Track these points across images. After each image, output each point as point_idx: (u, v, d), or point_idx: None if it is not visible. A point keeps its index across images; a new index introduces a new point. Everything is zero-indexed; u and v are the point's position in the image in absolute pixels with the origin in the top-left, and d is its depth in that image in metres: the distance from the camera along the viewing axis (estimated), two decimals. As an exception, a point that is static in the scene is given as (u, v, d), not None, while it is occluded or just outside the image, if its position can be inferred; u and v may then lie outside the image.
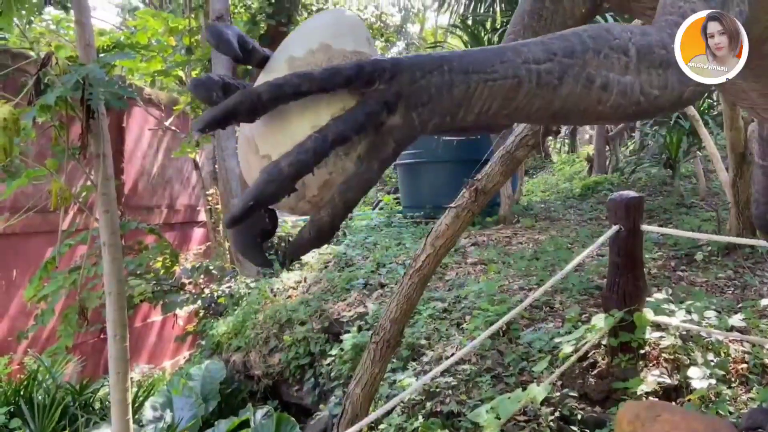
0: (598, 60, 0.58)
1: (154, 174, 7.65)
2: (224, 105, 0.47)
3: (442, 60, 0.51)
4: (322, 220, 0.50)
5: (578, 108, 0.58)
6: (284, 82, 0.46)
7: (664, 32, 0.65)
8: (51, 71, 2.51)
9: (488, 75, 0.52)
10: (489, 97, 0.52)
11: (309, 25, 0.55)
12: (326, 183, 0.51)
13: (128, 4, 15.10)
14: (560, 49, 0.56)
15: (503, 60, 0.53)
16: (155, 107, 7.31)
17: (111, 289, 2.75)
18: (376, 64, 0.48)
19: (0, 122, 2.13)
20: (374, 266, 4.97)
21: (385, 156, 0.50)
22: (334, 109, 0.50)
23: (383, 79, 0.49)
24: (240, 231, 0.53)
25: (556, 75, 0.55)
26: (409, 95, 0.49)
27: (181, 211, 8.16)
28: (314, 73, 0.47)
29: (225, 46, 0.53)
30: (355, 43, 0.54)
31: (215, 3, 5.32)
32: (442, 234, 2.40)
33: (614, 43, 0.59)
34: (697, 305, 3.02)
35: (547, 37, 0.57)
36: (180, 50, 6.58)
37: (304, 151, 0.47)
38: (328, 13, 0.56)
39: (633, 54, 0.60)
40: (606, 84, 0.58)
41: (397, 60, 0.50)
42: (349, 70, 0.47)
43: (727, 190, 4.49)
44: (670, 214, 5.86)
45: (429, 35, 20.68)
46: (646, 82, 0.61)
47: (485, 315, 3.45)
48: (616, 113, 0.61)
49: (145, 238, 5.13)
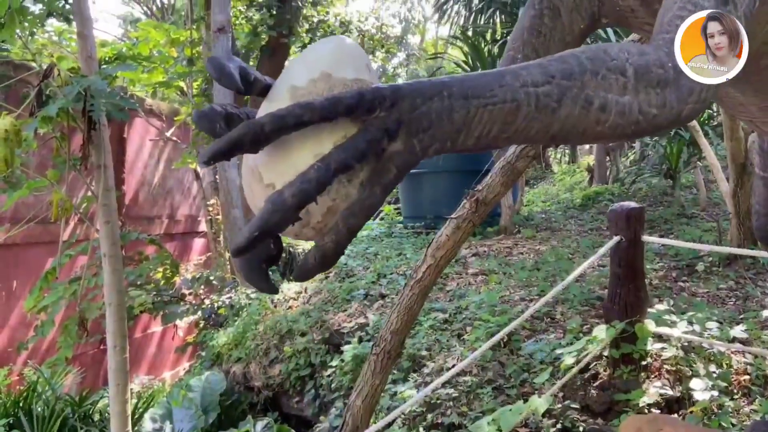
0: (596, 81, 0.58)
1: (155, 184, 7.66)
2: (228, 137, 0.47)
3: (442, 86, 0.51)
4: (327, 246, 0.51)
5: (577, 129, 0.58)
6: (287, 113, 0.47)
7: (662, 51, 0.65)
8: (53, 83, 2.52)
9: (487, 99, 0.52)
10: (489, 121, 0.53)
11: (310, 54, 0.56)
12: (330, 209, 0.52)
13: (130, 15, 15.19)
14: (558, 72, 0.56)
15: (502, 84, 0.53)
16: (156, 118, 7.34)
17: (111, 300, 2.75)
18: (376, 93, 0.49)
19: (1, 133, 2.14)
20: (375, 277, 4.96)
21: (387, 181, 0.51)
22: (336, 137, 0.50)
23: (384, 107, 0.49)
24: (245, 258, 0.53)
25: (555, 97, 0.55)
26: (409, 122, 0.50)
27: (181, 222, 8.17)
28: (316, 103, 0.47)
29: (227, 80, 0.53)
30: (355, 71, 0.54)
31: (216, 15, 5.34)
32: (443, 245, 2.39)
33: (612, 64, 0.60)
34: (698, 316, 3.01)
35: (545, 60, 0.58)
36: (181, 61, 6.61)
37: (307, 181, 0.47)
38: (328, 41, 0.57)
39: (631, 74, 0.61)
40: (604, 105, 0.59)
41: (397, 87, 0.50)
42: (350, 99, 0.48)
43: (728, 200, 4.49)
44: (671, 225, 5.86)
45: (429, 46, 20.79)
46: (644, 102, 0.62)
47: (486, 326, 3.44)
48: (615, 133, 0.61)
49: (146, 249, 5.12)
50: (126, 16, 15.33)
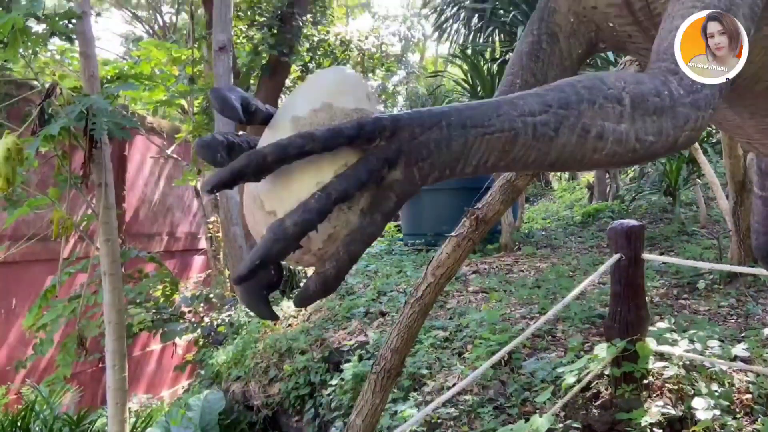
0: (593, 110, 0.59)
1: (155, 202, 7.68)
2: (231, 167, 0.48)
3: (441, 116, 0.52)
4: (327, 273, 0.51)
5: (575, 157, 0.59)
6: (288, 144, 0.48)
7: (657, 79, 0.65)
8: (55, 102, 2.54)
9: (485, 129, 0.53)
10: (487, 150, 0.54)
11: (311, 84, 0.56)
12: (330, 237, 0.52)
13: (132, 34, 15.33)
14: (555, 101, 0.57)
15: (499, 113, 0.54)
16: (157, 135, 7.37)
17: (111, 318, 2.74)
18: (376, 123, 0.50)
19: (3, 152, 2.15)
20: (375, 294, 4.95)
21: (387, 209, 0.51)
22: (337, 166, 0.51)
23: (384, 136, 0.50)
24: (246, 285, 0.53)
25: (552, 126, 0.56)
26: (409, 151, 0.51)
27: (181, 239, 8.17)
28: (317, 134, 0.48)
29: (229, 112, 0.54)
30: (356, 101, 0.55)
31: (218, 34, 5.39)
32: (443, 263, 2.39)
33: (608, 93, 0.60)
34: (700, 334, 2.99)
35: (542, 89, 0.58)
36: (183, 79, 6.65)
37: (308, 210, 0.48)
38: (329, 71, 0.58)
39: (627, 102, 0.61)
40: (601, 133, 0.59)
41: (396, 117, 0.51)
42: (351, 130, 0.49)
43: (728, 218, 4.49)
44: (671, 242, 5.85)
45: (429, 64, 20.95)
46: (641, 130, 0.62)
47: (487, 344, 3.43)
48: (612, 160, 0.62)
49: (146, 266, 5.12)
50: (128, 35, 15.47)
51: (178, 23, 13.32)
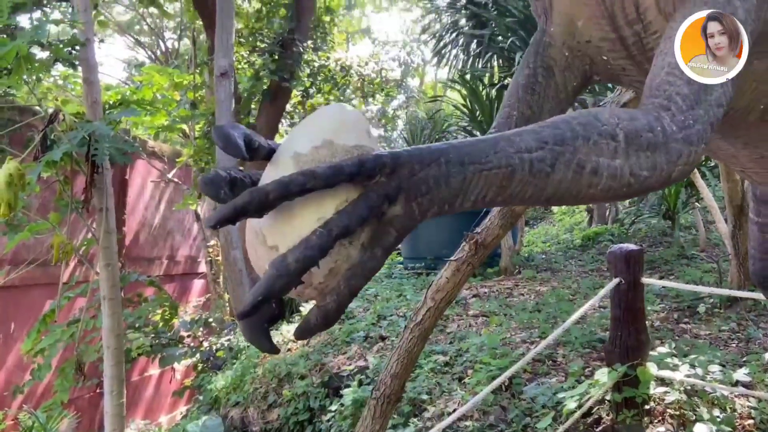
0: (587, 146, 0.60)
1: (156, 225, 7.69)
2: (234, 204, 0.49)
3: (439, 153, 0.54)
4: (328, 306, 0.52)
5: (571, 192, 0.60)
6: (290, 181, 0.49)
7: (650, 115, 0.67)
8: (57, 127, 2.56)
9: (483, 165, 0.54)
10: (485, 186, 0.55)
11: (312, 121, 0.58)
12: (332, 271, 0.53)
13: (135, 60, 15.50)
14: (551, 137, 0.58)
15: (496, 150, 0.55)
16: (158, 159, 7.42)
17: (109, 343, 2.73)
18: (377, 160, 0.51)
19: (5, 178, 2.16)
20: (375, 318, 4.93)
21: (387, 244, 0.52)
22: (338, 201, 0.52)
23: (384, 173, 0.51)
24: (248, 320, 0.55)
25: (548, 162, 0.58)
26: (408, 187, 0.52)
27: (181, 263, 8.16)
28: (319, 171, 0.49)
29: (233, 150, 0.55)
30: (356, 138, 0.56)
31: (220, 60, 5.45)
32: (443, 287, 2.39)
33: (603, 129, 0.62)
34: (701, 359, 2.98)
35: (538, 126, 0.60)
36: (184, 104, 6.71)
37: (310, 247, 0.49)
38: (330, 109, 0.59)
39: (621, 138, 0.63)
40: (596, 169, 0.61)
41: (396, 154, 0.52)
42: (352, 167, 0.50)
43: (727, 241, 4.50)
44: (671, 265, 5.85)
45: (429, 88, 21.11)
46: (635, 165, 0.64)
47: (487, 369, 3.41)
48: (607, 195, 0.64)
49: (145, 291, 5.11)
50: (131, 60, 15.64)
51: (180, 49, 13.47)
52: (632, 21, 0.87)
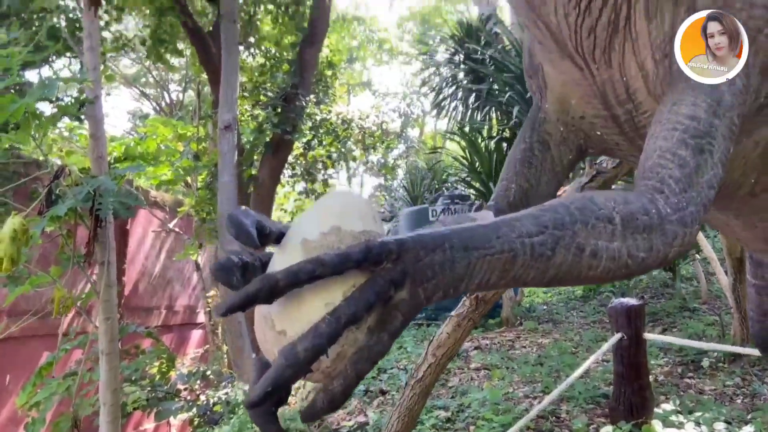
0: (586, 230, 0.62)
1: (155, 275, 7.67)
2: (245, 292, 0.50)
3: (444, 239, 0.56)
4: (335, 390, 0.52)
5: (571, 274, 0.62)
6: (299, 270, 0.51)
7: (645, 198, 0.69)
8: (63, 182, 2.59)
9: (486, 250, 0.56)
10: (488, 270, 0.57)
11: (320, 207, 0.60)
12: (339, 355, 0.54)
13: (140, 111, 15.78)
14: (551, 221, 0.61)
15: (499, 235, 0.58)
16: (160, 209, 7.46)
17: (106, 399, 2.70)
18: (383, 247, 0.53)
19: (10, 233, 2.18)
20: (375, 371, 4.86)
21: (394, 328, 0.54)
22: (346, 287, 0.53)
23: (390, 259, 0.53)
24: (257, 408, 0.55)
25: (549, 246, 0.60)
26: (414, 273, 0.53)
27: (179, 313, 8.10)
28: (327, 259, 0.51)
29: (244, 238, 0.57)
30: (362, 224, 0.59)
31: (224, 114, 5.56)
32: (444, 343, 2.38)
33: (600, 213, 0.64)
34: (706, 416, 2.93)
35: (538, 210, 0.62)
36: (187, 155, 6.80)
37: (318, 335, 0.50)
38: (336, 194, 0.62)
39: (618, 221, 0.65)
40: (595, 251, 0.63)
41: (402, 240, 0.54)
42: (359, 255, 0.52)
43: (728, 294, 4.48)
44: (673, 318, 5.81)
45: (428, 138, 21.41)
46: (632, 247, 0.66)
47: (490, 425, 3.34)
48: (607, 276, 0.65)
49: (143, 342, 5.07)
50: (136, 111, 15.92)
51: (185, 100, 13.74)
52: (623, 101, 0.90)
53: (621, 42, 0.80)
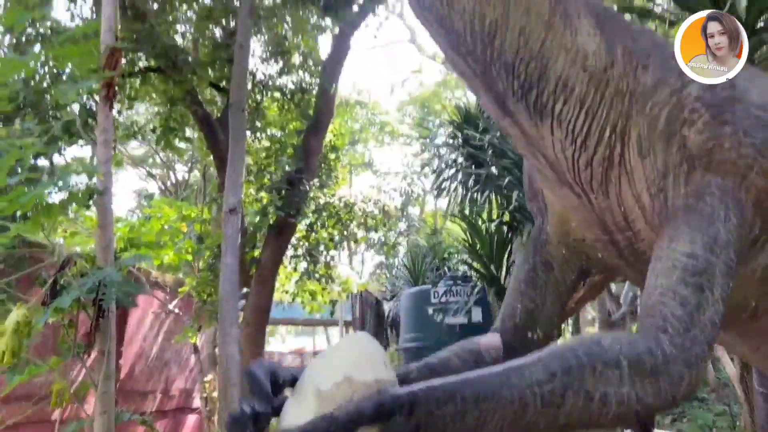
0: (594, 377, 0.64)
1: (153, 356, 7.53)
2: None
3: (455, 391, 0.57)
4: None
5: (583, 420, 0.64)
6: (312, 428, 0.53)
7: (650, 339, 0.71)
8: (68, 272, 2.61)
9: (497, 402, 0.58)
10: (500, 419, 0.59)
11: (332, 357, 0.62)
12: None
13: (145, 191, 16.02)
14: (559, 368, 0.63)
15: (509, 385, 0.59)
16: (160, 289, 7.42)
17: (98, 499, 2.60)
18: (395, 401, 0.55)
19: (13, 326, 2.18)
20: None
21: None
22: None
23: (402, 413, 0.55)
24: None
25: (558, 394, 0.62)
26: (426, 425, 0.55)
27: (175, 397, 7.90)
28: (340, 417, 0.53)
29: (259, 391, 0.60)
30: (374, 372, 0.60)
31: (229, 198, 5.63)
32: None
33: (606, 357, 0.66)
34: None
35: (545, 355, 0.64)
36: (190, 235, 6.84)
37: None
38: (348, 342, 0.64)
39: (625, 366, 0.67)
40: (604, 398, 0.65)
41: (413, 394, 0.56)
42: (371, 411, 0.54)
43: (736, 384, 4.39)
44: (682, 407, 5.66)
45: (429, 217, 21.55)
46: (641, 392, 0.67)
47: None
48: (618, 421, 0.67)
49: (137, 429, 4.92)
50: (141, 191, 16.17)
51: (190, 180, 13.98)
52: (622, 228, 0.93)
53: (617, 175, 0.84)
